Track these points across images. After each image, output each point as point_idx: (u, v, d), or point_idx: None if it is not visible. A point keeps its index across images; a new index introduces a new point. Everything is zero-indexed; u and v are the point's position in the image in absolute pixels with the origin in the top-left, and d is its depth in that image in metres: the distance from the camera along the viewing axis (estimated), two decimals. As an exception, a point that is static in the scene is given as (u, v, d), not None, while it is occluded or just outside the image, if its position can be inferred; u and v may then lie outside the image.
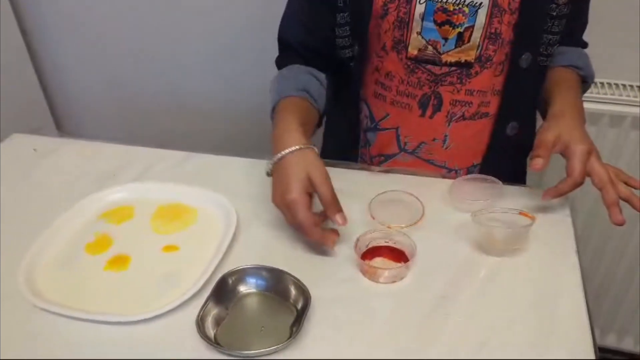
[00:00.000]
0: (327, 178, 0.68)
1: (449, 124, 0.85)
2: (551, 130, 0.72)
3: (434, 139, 0.86)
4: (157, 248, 0.71)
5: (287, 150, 0.68)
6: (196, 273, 0.66)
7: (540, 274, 0.67)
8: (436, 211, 0.76)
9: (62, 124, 1.66)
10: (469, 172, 0.89)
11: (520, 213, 0.72)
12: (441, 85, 0.81)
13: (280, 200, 0.67)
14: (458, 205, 0.77)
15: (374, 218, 0.72)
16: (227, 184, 0.82)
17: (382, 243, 0.70)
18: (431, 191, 0.80)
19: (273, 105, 0.79)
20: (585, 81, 0.87)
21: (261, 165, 0.86)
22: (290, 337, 0.58)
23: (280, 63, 0.88)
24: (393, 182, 0.82)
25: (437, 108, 0.83)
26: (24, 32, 1.49)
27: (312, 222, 0.66)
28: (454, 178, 0.82)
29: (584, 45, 0.91)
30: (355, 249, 0.67)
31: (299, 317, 0.60)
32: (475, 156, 0.89)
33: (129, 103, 1.53)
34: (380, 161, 0.91)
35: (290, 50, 0.87)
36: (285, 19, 0.87)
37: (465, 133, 0.86)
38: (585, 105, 0.82)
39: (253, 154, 0.89)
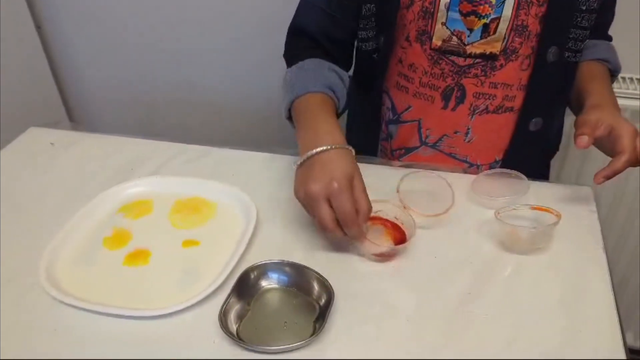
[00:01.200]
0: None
1: (472, 117, 0.84)
2: (592, 114, 0.72)
3: (456, 132, 0.85)
4: (177, 243, 0.70)
5: (333, 145, 0.65)
6: (217, 268, 0.65)
7: (567, 271, 0.66)
8: (459, 207, 0.75)
9: (75, 118, 1.66)
10: (490, 168, 0.87)
11: (536, 208, 0.72)
12: (465, 77, 0.80)
13: (323, 188, 0.62)
14: (481, 201, 0.76)
15: (398, 191, 0.73)
16: (246, 178, 0.81)
17: (387, 216, 0.71)
18: (453, 186, 0.79)
19: (296, 96, 0.75)
20: (613, 74, 0.87)
21: (279, 160, 0.86)
22: (313, 333, 0.57)
23: (295, 53, 0.84)
24: (407, 178, 0.80)
25: (460, 100, 0.82)
26: (38, 27, 1.49)
27: (355, 212, 0.63)
28: (475, 173, 0.81)
29: (609, 39, 0.90)
30: None
31: (322, 313, 0.60)
32: (497, 152, 0.87)
33: (143, 97, 1.53)
34: (400, 154, 0.90)
35: (308, 40, 0.85)
36: (305, 8, 0.85)
37: (488, 127, 0.84)
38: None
39: (267, 149, 0.88)
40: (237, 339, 0.57)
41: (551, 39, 0.77)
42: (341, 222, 0.63)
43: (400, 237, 0.69)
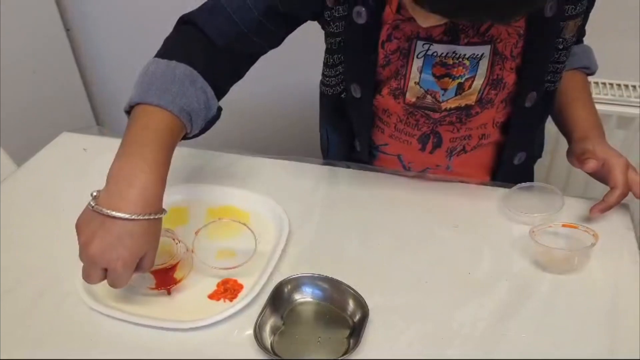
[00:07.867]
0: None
1: (449, 158, 0.85)
2: (586, 144, 0.76)
3: (437, 166, 0.86)
4: (212, 253, 0.70)
5: (141, 215, 0.56)
6: (251, 279, 0.65)
7: (605, 291, 0.65)
8: (491, 222, 0.75)
9: (101, 121, 1.68)
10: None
11: (568, 225, 0.71)
12: (440, 125, 0.80)
13: (104, 260, 0.56)
14: (514, 217, 0.75)
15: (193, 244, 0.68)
16: (277, 187, 0.81)
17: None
18: (483, 200, 0.79)
19: (145, 101, 0.64)
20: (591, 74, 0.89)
21: (311, 169, 0.86)
22: (348, 349, 0.57)
23: (176, 49, 0.72)
24: (437, 191, 0.81)
25: (437, 145, 0.83)
26: (67, 30, 1.51)
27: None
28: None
29: (584, 34, 0.88)
30: None
31: (356, 330, 0.59)
32: (482, 176, 0.89)
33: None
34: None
35: (201, 38, 0.73)
36: (214, 10, 0.73)
37: (468, 162, 0.85)
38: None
39: (297, 158, 0.88)
40: (273, 354, 0.57)
41: (528, 87, 0.76)
42: (108, 283, 0.59)
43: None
